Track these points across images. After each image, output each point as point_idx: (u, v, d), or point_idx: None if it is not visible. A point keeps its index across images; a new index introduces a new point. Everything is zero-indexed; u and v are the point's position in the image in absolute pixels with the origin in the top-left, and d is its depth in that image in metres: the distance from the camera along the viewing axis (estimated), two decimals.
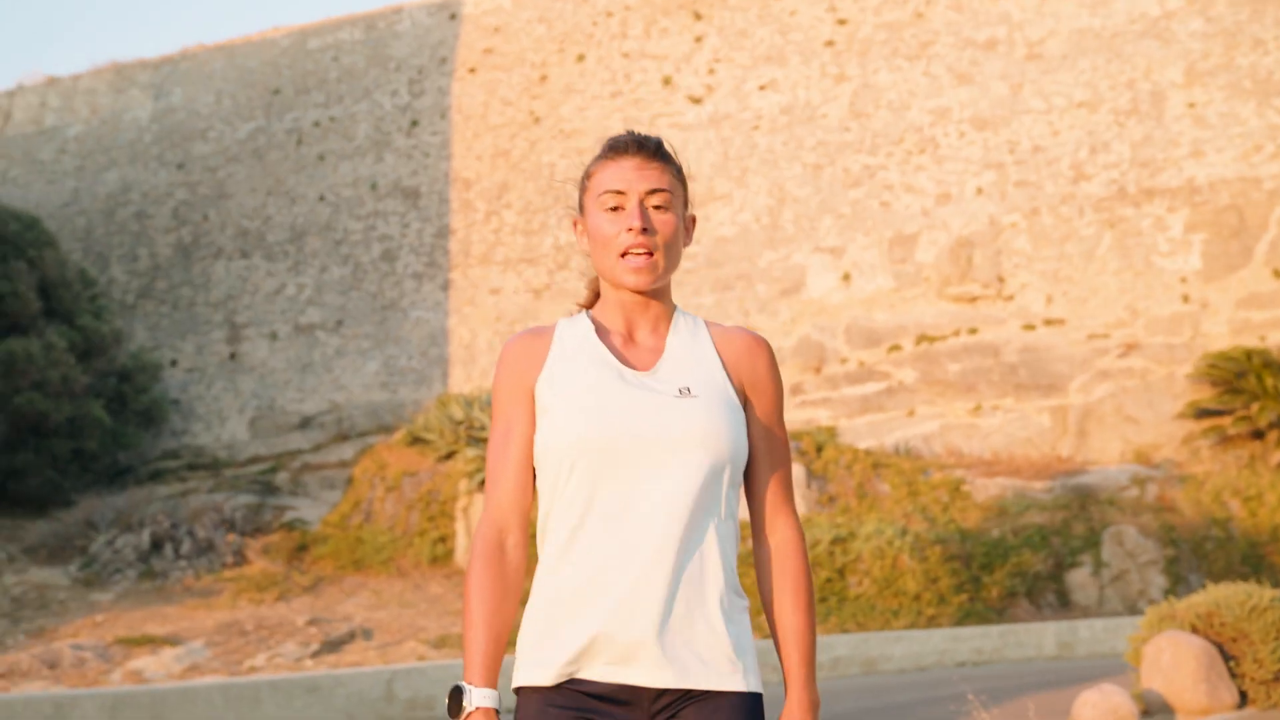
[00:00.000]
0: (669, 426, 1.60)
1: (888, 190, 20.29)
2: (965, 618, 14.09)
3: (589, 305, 1.81)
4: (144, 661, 12.10)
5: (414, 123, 23.24)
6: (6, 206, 20.24)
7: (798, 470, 16.31)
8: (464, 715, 1.59)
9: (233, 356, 22.96)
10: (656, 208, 1.73)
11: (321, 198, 23.40)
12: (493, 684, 1.61)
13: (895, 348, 19.41)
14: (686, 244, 1.77)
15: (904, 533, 14.71)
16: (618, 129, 17.14)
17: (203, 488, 19.99)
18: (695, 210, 1.88)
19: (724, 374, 1.68)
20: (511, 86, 22.84)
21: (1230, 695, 5.21)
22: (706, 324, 1.77)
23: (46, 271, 19.27)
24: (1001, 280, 19.20)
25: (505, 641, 1.64)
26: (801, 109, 21.09)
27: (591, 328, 1.71)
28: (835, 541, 14.43)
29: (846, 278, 20.09)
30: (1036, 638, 12.94)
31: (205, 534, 16.77)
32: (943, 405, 18.92)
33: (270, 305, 23.15)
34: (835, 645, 12.06)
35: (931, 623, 13.85)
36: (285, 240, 23.43)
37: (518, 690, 1.65)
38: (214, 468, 21.33)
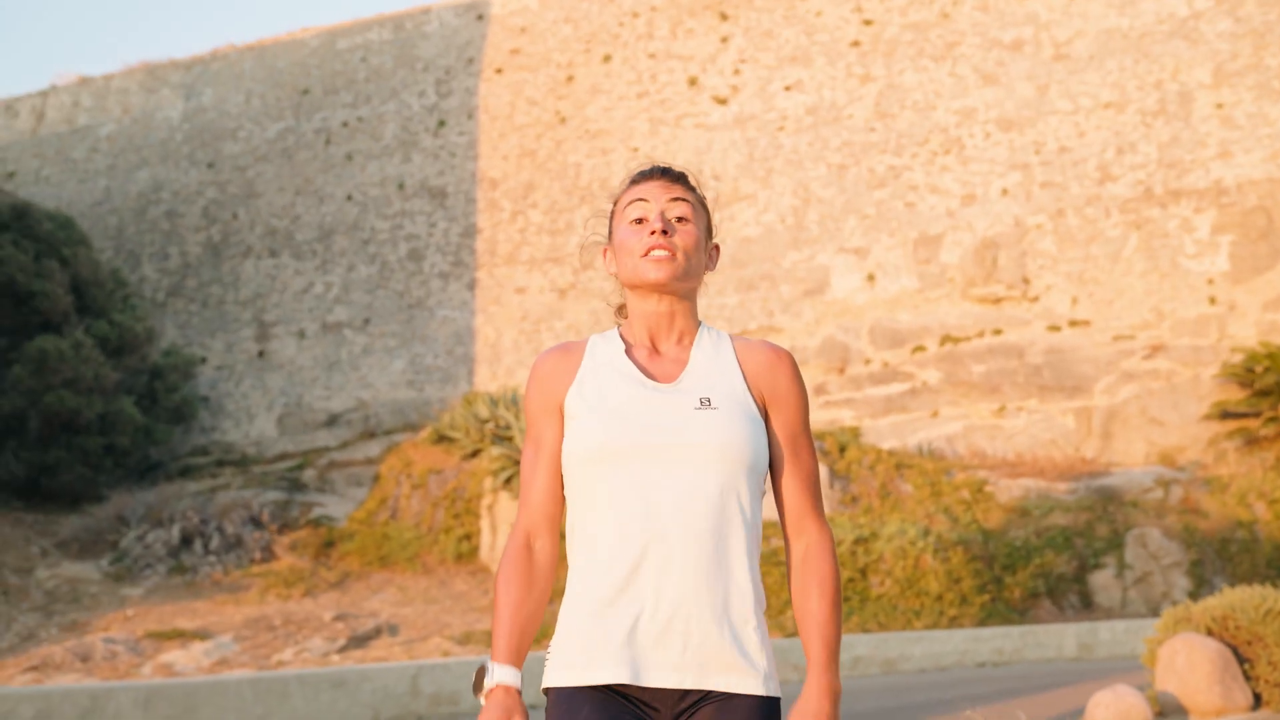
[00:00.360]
0: (688, 435, 1.66)
1: (912, 191, 20.29)
2: (987, 618, 14.09)
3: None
4: (174, 655, 12.27)
5: (441, 123, 23.40)
6: (39, 206, 20.52)
7: (822, 471, 16.35)
8: (487, 690, 1.66)
9: (261, 354, 23.19)
10: (679, 219, 1.77)
11: (349, 197, 23.60)
12: (517, 664, 1.67)
13: (919, 349, 19.41)
14: (710, 268, 1.82)
15: (926, 533, 14.73)
16: (643, 129, 17.16)
17: (232, 484, 20.21)
18: (720, 210, 1.94)
19: (745, 386, 1.73)
20: (538, 87, 22.96)
21: (1244, 697, 5.25)
22: (731, 337, 1.81)
23: (79, 270, 19.52)
24: (1026, 281, 19.17)
25: (532, 633, 1.70)
26: (827, 109, 21.12)
27: (621, 345, 1.78)
28: (858, 541, 14.47)
29: (871, 278, 20.11)
30: (1057, 639, 12.94)
31: (234, 530, 16.96)
32: (966, 406, 18.92)
33: (298, 304, 23.37)
34: (855, 645, 12.11)
35: (954, 623, 13.86)
36: (313, 239, 23.65)
37: (547, 690, 1.69)
38: (242, 464, 21.55)
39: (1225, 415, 17.11)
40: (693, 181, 1.84)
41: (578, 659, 1.65)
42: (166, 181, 24.91)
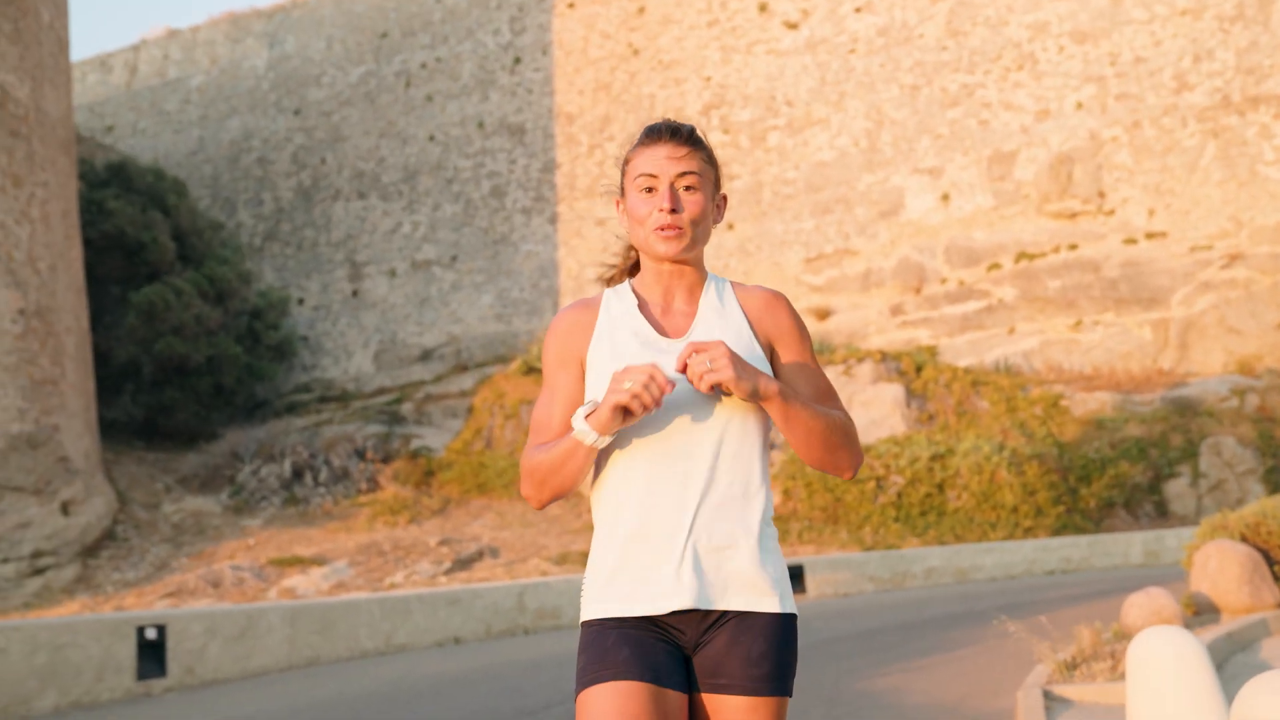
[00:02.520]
0: None
1: (986, 108, 20.36)
2: (1062, 529, 14.53)
3: (630, 274, 2.06)
4: (295, 580, 13.23)
5: (517, 60, 23.88)
6: (137, 160, 21.49)
7: (897, 390, 16.81)
8: (588, 410, 1.78)
9: (355, 293, 24.14)
10: (686, 189, 1.91)
11: (431, 137, 24.27)
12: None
13: (995, 266, 19.64)
14: (717, 221, 1.99)
15: (1002, 448, 15.15)
16: (715, 58, 17.52)
17: (335, 419, 21.25)
18: (793, 135, 2.12)
19: (749, 330, 1.91)
20: (610, 20, 23.28)
21: (1272, 596, 5.75)
22: (731, 285, 1.99)
23: (179, 220, 20.50)
24: (1102, 195, 19.24)
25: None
26: (898, 30, 21.17)
27: (634, 301, 1.94)
28: (934, 458, 14.95)
29: (945, 198, 20.30)
30: (1124, 547, 13.38)
31: (340, 462, 17.96)
32: (1042, 321, 19.16)
33: (388, 243, 24.23)
34: (929, 556, 12.68)
35: (1029, 534, 14.34)
36: (399, 180, 24.42)
37: (583, 624, 1.86)
38: (343, 399, 22.60)
39: None
40: (700, 135, 1.95)
41: (606, 594, 1.82)
42: (256, 129, 25.80)
